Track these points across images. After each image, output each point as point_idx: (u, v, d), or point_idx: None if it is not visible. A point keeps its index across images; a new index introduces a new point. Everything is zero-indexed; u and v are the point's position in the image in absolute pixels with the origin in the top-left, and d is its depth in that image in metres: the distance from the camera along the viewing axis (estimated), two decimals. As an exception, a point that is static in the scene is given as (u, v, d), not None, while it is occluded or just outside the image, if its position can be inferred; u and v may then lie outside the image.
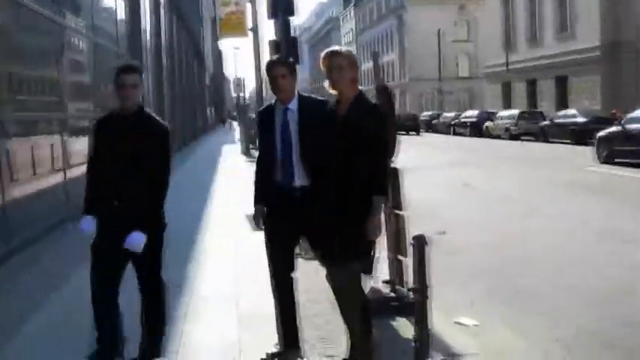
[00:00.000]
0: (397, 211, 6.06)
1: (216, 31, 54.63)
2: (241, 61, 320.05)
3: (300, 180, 4.83)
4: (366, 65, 33.26)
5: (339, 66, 4.55)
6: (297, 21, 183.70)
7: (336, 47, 4.77)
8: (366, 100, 4.61)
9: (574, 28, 43.41)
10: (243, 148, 29.85)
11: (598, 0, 39.90)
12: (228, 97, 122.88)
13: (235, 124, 63.77)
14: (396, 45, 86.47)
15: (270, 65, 5.01)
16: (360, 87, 4.68)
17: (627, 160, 19.59)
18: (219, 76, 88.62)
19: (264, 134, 5.14)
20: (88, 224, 4.93)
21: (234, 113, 72.60)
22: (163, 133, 4.83)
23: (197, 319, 6.06)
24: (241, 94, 56.25)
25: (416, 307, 4.09)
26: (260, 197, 5.07)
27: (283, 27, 11.05)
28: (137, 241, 4.57)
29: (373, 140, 4.43)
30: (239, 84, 54.47)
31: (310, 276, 7.46)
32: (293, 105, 4.90)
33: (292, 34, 11.75)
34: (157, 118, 4.96)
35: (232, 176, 19.99)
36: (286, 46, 10.97)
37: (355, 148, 4.40)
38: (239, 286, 7.17)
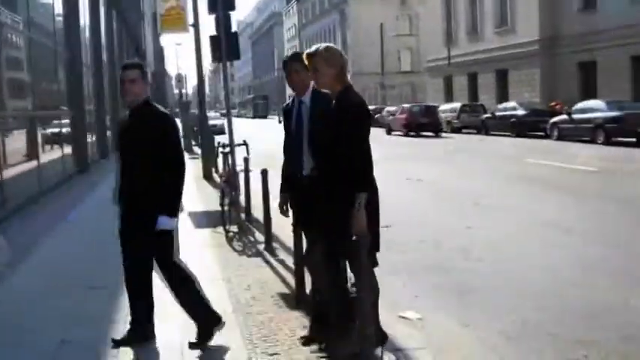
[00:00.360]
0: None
1: (157, 27, 53.89)
2: (183, 57, 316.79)
3: (308, 169, 5.03)
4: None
5: (315, 67, 4.66)
6: (238, 16, 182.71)
7: (313, 47, 4.80)
8: (350, 97, 4.64)
9: (514, 22, 44.05)
10: (185, 144, 29.57)
11: (537, -6, 40.61)
12: (170, 94, 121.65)
13: (177, 120, 63.02)
14: (338, 40, 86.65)
15: (285, 62, 5.40)
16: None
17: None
18: (160, 73, 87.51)
19: (285, 125, 5.54)
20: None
21: (177, 109, 71.86)
22: (161, 118, 5.10)
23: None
24: (183, 91, 55.70)
25: (359, 303, 4.06)
26: (284, 186, 5.50)
27: (223, 22, 10.92)
28: (163, 223, 4.96)
29: (353, 137, 4.50)
30: (180, 80, 53.88)
31: (251, 273, 7.43)
32: (306, 98, 5.28)
33: (233, 29, 11.64)
34: (158, 106, 5.20)
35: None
36: (227, 42, 10.86)
37: (338, 143, 4.50)
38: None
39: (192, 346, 5.08)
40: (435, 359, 4.98)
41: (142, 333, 5.22)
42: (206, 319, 5.20)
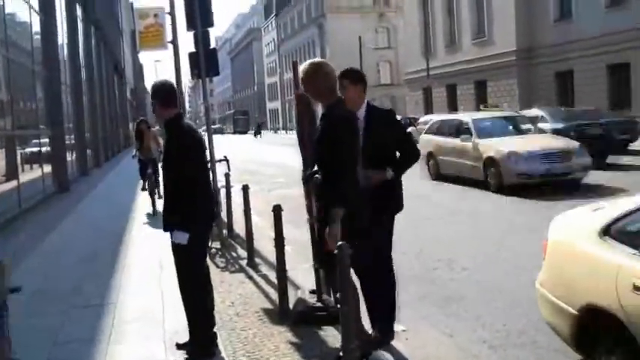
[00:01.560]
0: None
1: (136, 45, 53.75)
2: (162, 74, 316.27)
3: (362, 180, 4.97)
4: (288, 75, 32.95)
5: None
6: (216, 32, 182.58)
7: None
8: (334, 113, 4.77)
9: (491, 33, 44.27)
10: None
11: (513, 5, 40.89)
12: (150, 110, 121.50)
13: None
14: (317, 53, 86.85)
15: (339, 77, 5.33)
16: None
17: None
18: (140, 89, 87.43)
19: None
20: None
21: (156, 127, 71.62)
22: (173, 132, 5.26)
23: (122, 339, 5.87)
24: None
25: (341, 316, 4.06)
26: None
27: (202, 38, 10.92)
28: (176, 237, 5.04)
29: (329, 151, 4.60)
30: (160, 96, 53.76)
31: (235, 289, 7.41)
32: (361, 113, 5.33)
33: (212, 45, 11.62)
34: (183, 123, 5.38)
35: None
36: (205, 58, 10.86)
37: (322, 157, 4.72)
38: (164, 303, 7.01)
39: (179, 347, 5.21)
40: (420, 370, 4.99)
41: (199, 351, 5.19)
42: (200, 341, 5.21)
